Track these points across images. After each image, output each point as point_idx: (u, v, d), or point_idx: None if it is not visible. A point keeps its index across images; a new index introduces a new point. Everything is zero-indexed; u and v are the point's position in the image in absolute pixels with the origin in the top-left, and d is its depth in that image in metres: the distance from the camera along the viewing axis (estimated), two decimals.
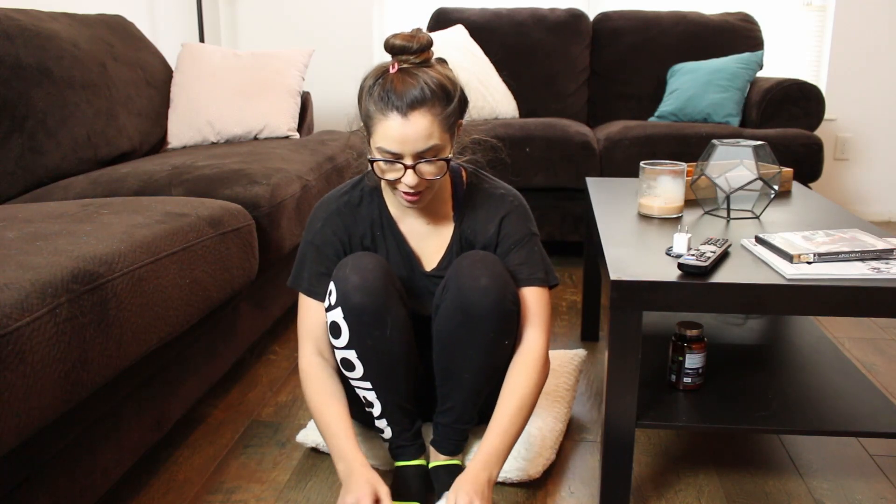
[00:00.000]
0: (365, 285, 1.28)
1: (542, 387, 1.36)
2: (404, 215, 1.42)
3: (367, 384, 1.35)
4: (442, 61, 1.31)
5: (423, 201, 1.30)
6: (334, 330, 1.32)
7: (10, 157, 1.91)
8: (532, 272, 1.39)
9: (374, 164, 1.27)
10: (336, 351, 1.36)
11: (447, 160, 1.26)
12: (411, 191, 1.27)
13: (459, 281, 1.30)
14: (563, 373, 1.78)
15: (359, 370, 1.34)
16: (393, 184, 1.28)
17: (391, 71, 1.24)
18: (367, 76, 1.27)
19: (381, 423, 1.39)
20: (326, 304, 1.34)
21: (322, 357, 1.40)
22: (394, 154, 1.23)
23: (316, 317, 1.40)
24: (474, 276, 1.29)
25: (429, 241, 1.43)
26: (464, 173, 1.44)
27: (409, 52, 1.23)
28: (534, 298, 1.39)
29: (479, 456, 1.27)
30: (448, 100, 1.24)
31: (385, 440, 1.42)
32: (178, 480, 1.50)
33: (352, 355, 1.33)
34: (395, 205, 1.42)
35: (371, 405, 1.38)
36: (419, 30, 1.26)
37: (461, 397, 1.37)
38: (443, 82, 1.24)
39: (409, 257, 1.43)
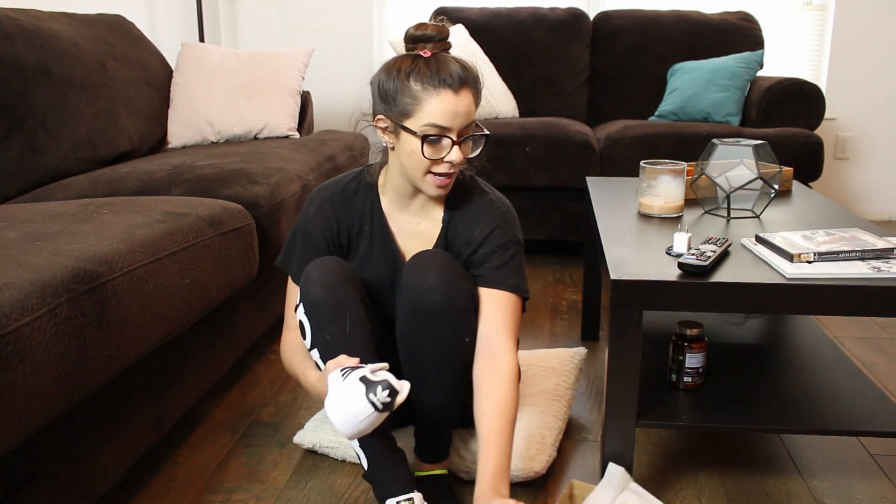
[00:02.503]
0: (324, 280, 1.29)
1: (518, 397, 1.31)
2: (396, 213, 1.43)
3: None
4: None
5: (450, 187, 1.33)
6: (302, 330, 1.32)
7: (10, 157, 1.91)
8: (506, 277, 1.35)
9: (424, 144, 1.26)
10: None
11: (486, 135, 1.32)
12: (450, 171, 1.29)
13: (410, 281, 1.30)
14: (562, 371, 1.78)
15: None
16: (432, 165, 1.28)
17: (424, 55, 1.27)
18: (392, 65, 1.29)
19: (355, 445, 1.29)
20: (296, 304, 1.34)
21: None
22: (443, 128, 1.25)
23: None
24: (423, 273, 1.29)
25: (416, 241, 1.43)
26: (460, 178, 1.45)
27: (437, 39, 1.29)
28: (505, 304, 1.35)
29: (485, 481, 1.21)
30: (478, 81, 1.31)
31: (364, 472, 1.30)
32: (178, 480, 1.50)
33: (316, 356, 1.30)
34: (388, 201, 1.42)
35: None
36: (442, 19, 1.33)
37: (432, 399, 1.36)
38: (472, 66, 1.30)
39: (394, 255, 1.43)
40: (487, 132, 1.33)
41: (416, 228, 1.43)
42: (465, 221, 1.39)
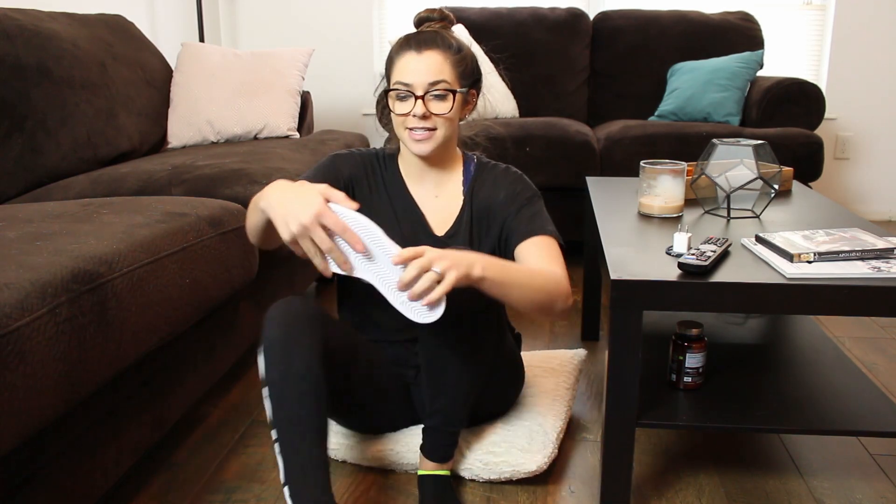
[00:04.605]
0: (278, 318, 1.24)
1: (554, 295, 1.28)
2: (414, 184, 1.48)
3: (274, 433, 1.21)
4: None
5: (430, 144, 1.36)
6: (259, 368, 1.27)
7: (10, 157, 1.91)
8: (541, 225, 1.41)
9: (389, 99, 1.37)
10: None
11: (455, 92, 1.35)
12: (420, 126, 1.34)
13: None
14: (563, 372, 1.78)
15: (269, 415, 1.23)
16: (404, 119, 1.35)
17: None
18: None
19: (286, 494, 1.19)
20: None
21: None
22: (406, 85, 1.33)
23: None
24: None
25: (436, 213, 1.47)
26: (475, 159, 1.52)
27: (431, 20, 1.42)
28: (546, 244, 1.38)
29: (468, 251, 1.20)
30: (460, 51, 1.38)
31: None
32: (178, 480, 1.50)
33: (265, 393, 1.23)
34: (406, 173, 1.48)
35: (279, 469, 1.22)
36: (442, 8, 1.44)
37: (447, 397, 1.36)
38: (458, 40, 1.39)
39: (419, 220, 1.46)
40: (460, 90, 1.36)
41: (434, 202, 1.47)
42: (486, 191, 1.47)
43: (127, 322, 1.23)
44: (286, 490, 1.18)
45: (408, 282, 1.10)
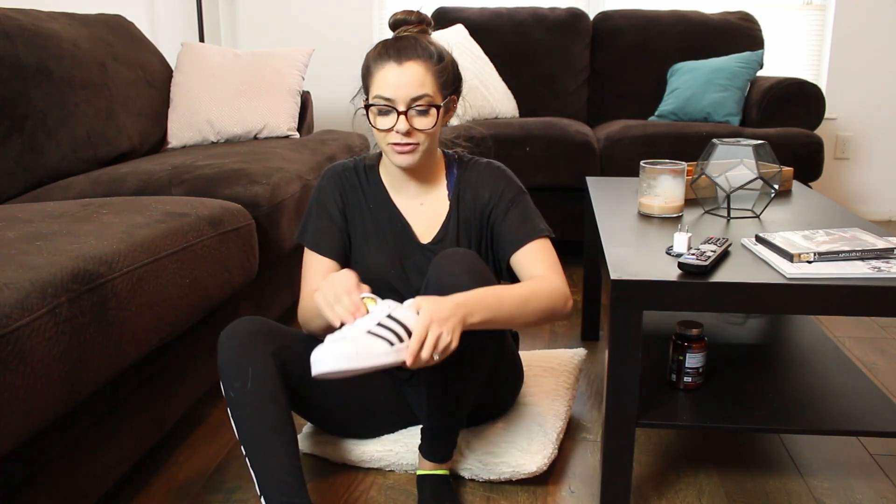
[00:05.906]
0: (227, 341, 1.28)
1: (549, 309, 1.32)
2: (397, 194, 1.47)
3: (243, 448, 1.26)
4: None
5: (414, 156, 1.35)
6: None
7: (9, 157, 1.91)
8: (531, 228, 1.42)
9: (369, 113, 1.34)
10: None
11: (438, 107, 1.33)
12: (403, 141, 1.32)
13: (438, 277, 1.30)
14: (562, 372, 1.78)
15: (235, 433, 1.28)
16: (386, 134, 1.33)
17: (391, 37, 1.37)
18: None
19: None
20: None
21: None
22: (387, 100, 1.30)
23: (318, 268, 1.43)
24: (452, 272, 1.29)
25: (422, 220, 1.46)
26: (457, 158, 1.51)
27: (408, 23, 1.37)
28: (539, 249, 1.41)
29: (460, 295, 1.22)
30: (441, 60, 1.34)
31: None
32: (178, 480, 1.50)
33: (230, 413, 1.28)
34: (388, 183, 1.47)
35: (254, 482, 1.26)
36: (419, 10, 1.40)
37: (446, 398, 1.36)
38: (438, 47, 1.35)
39: (405, 230, 1.46)
40: (442, 103, 1.34)
41: (419, 209, 1.46)
42: (471, 190, 1.46)
43: (127, 322, 1.23)
44: (262, 501, 1.22)
45: (418, 368, 1.17)
